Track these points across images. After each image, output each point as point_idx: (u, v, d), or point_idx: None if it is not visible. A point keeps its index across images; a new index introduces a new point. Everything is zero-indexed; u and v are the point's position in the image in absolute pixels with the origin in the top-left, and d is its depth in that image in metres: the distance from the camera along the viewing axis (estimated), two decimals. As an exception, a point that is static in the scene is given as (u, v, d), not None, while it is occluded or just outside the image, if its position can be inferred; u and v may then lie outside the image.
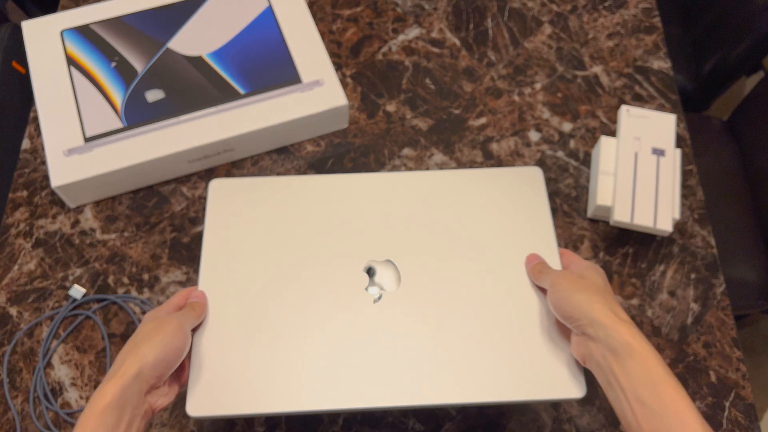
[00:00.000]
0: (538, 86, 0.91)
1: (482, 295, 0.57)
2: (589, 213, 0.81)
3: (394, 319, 0.57)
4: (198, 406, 0.52)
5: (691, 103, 1.26)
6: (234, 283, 0.58)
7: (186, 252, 0.78)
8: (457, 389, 0.53)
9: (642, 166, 0.77)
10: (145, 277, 0.77)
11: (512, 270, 0.58)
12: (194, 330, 0.55)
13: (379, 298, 0.58)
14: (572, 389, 0.53)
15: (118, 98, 0.81)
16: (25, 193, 0.82)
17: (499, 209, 0.61)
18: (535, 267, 0.57)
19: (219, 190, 0.62)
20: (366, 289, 0.58)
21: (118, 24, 0.87)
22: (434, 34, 0.95)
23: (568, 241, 0.80)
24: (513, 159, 0.85)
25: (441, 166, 0.84)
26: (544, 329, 0.56)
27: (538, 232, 0.60)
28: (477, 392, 0.53)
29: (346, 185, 0.62)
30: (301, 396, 0.53)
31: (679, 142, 0.86)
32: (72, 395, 0.70)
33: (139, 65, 0.84)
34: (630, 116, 0.80)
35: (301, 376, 0.54)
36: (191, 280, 0.76)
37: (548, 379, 0.54)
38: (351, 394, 0.53)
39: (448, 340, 0.55)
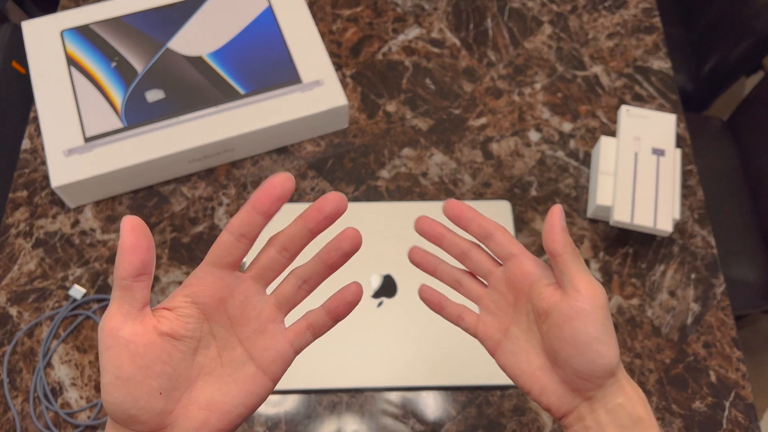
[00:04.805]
0: (538, 86, 0.91)
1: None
2: (589, 213, 0.81)
3: (392, 320, 0.73)
4: None
5: (691, 103, 1.26)
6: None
7: (186, 252, 0.78)
8: (436, 374, 0.70)
9: (642, 166, 0.77)
10: (145, 277, 0.77)
11: None
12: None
13: (381, 303, 0.74)
14: None
15: (118, 98, 0.81)
16: (25, 193, 0.82)
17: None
18: (560, 235, 0.41)
19: None
20: (372, 296, 0.74)
21: (118, 24, 0.87)
22: (434, 34, 0.95)
23: (568, 241, 0.80)
24: (513, 159, 0.85)
25: (441, 167, 0.84)
26: None
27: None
28: (452, 378, 0.70)
29: (360, 211, 0.79)
30: (325, 376, 0.70)
31: (679, 142, 0.86)
32: (72, 395, 0.70)
33: (139, 65, 0.84)
34: (630, 116, 0.80)
35: (322, 363, 0.70)
36: (191, 280, 0.76)
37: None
38: (360, 375, 0.70)
39: (429, 337, 0.72)
